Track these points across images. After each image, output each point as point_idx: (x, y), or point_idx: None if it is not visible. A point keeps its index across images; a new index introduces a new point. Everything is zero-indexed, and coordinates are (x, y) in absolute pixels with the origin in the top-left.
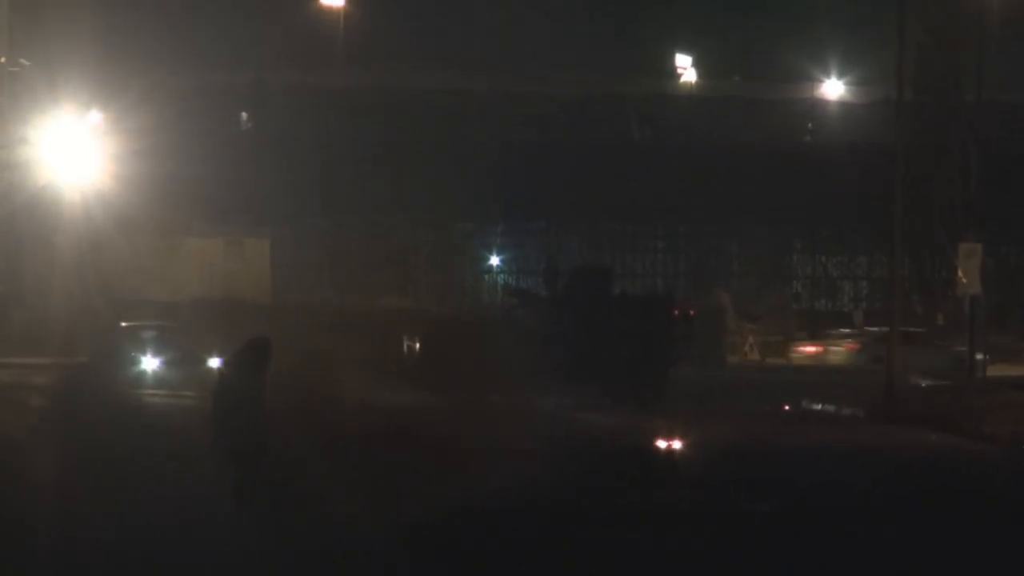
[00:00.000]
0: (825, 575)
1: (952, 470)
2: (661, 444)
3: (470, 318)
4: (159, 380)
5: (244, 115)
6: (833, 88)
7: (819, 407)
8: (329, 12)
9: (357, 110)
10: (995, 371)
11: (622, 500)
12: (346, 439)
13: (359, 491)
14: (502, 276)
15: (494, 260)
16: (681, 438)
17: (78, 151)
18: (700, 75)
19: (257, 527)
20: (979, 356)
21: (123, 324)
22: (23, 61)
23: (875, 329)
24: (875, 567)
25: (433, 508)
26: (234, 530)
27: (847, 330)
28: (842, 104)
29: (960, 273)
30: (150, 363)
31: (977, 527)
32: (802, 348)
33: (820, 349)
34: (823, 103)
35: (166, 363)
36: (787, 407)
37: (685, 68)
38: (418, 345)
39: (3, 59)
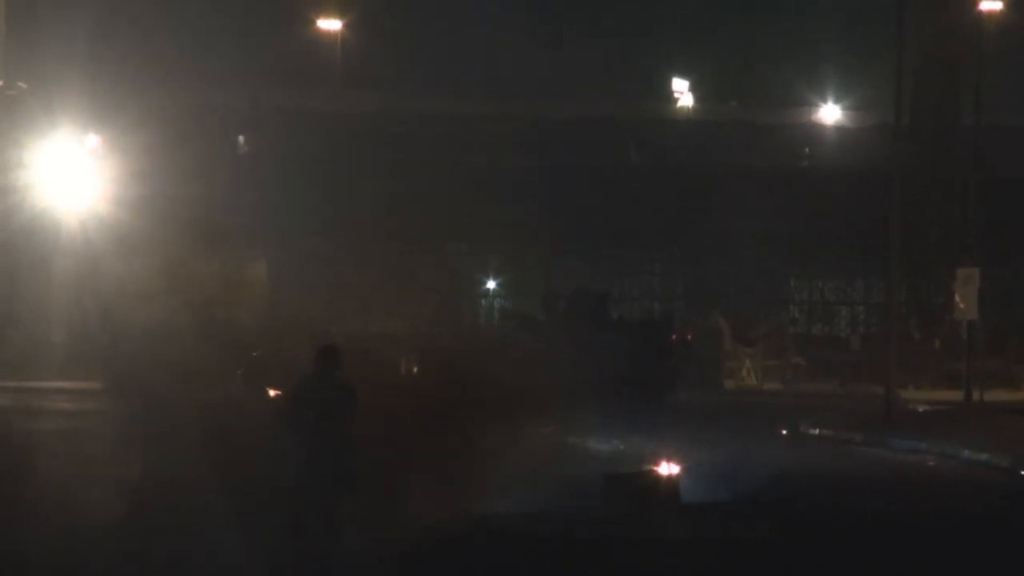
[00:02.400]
0: None
1: (950, 494)
2: (658, 470)
3: (468, 341)
4: None
5: (241, 138)
6: (830, 113)
7: (816, 431)
8: (326, 35)
9: (354, 133)
10: (993, 397)
11: (619, 526)
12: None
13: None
14: (498, 300)
15: (491, 284)
16: (677, 463)
17: (76, 174)
18: (697, 99)
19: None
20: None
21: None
22: (20, 84)
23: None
24: None
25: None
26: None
27: None
28: (839, 129)
29: (958, 298)
30: None
31: (976, 551)
32: None
33: None
34: (820, 128)
35: None
36: (784, 431)
37: (682, 92)
38: (416, 369)
39: (0, 82)
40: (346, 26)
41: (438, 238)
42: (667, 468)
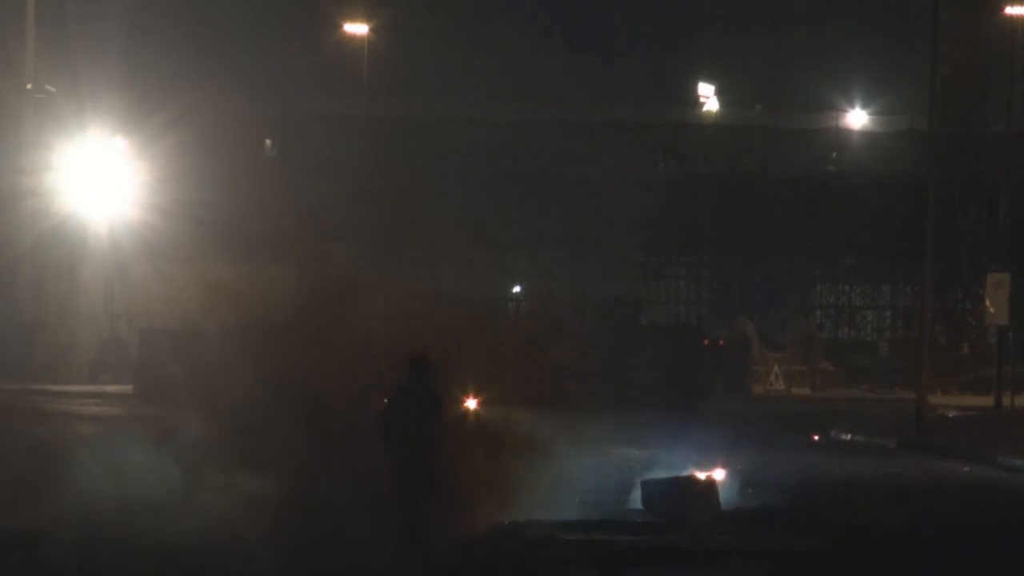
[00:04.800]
0: None
1: (985, 501)
2: (696, 475)
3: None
4: None
5: (268, 142)
6: (857, 118)
7: (848, 437)
8: (353, 40)
9: (381, 138)
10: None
11: (662, 539)
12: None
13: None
14: (525, 304)
15: (517, 288)
16: (715, 469)
17: (104, 178)
18: (723, 104)
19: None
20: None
21: None
22: (49, 88)
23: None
24: None
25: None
26: None
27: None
28: (866, 134)
29: (988, 303)
30: None
31: (1010, 559)
32: None
33: None
34: (847, 132)
35: None
36: (816, 437)
37: (708, 97)
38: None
39: (29, 86)
40: (372, 31)
41: (465, 244)
42: (705, 474)
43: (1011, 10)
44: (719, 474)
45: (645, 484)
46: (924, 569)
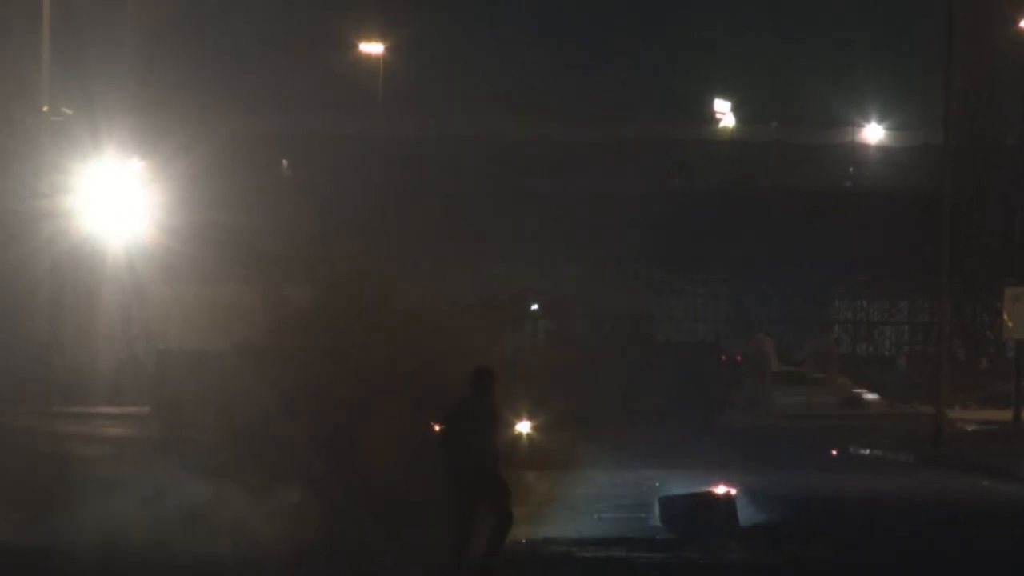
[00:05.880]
0: None
1: (1004, 514)
2: (714, 491)
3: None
4: None
5: (285, 162)
6: (873, 133)
7: (867, 452)
8: (368, 60)
9: (396, 156)
10: None
11: (677, 550)
12: None
13: None
14: (542, 322)
15: (534, 306)
16: (732, 485)
17: (121, 200)
18: (739, 120)
19: None
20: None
21: None
22: (65, 110)
23: None
24: None
25: None
26: None
27: None
28: (882, 148)
29: (1006, 317)
30: None
31: None
32: None
33: None
34: (863, 148)
35: None
36: (835, 452)
37: (724, 113)
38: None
39: (45, 108)
40: (387, 50)
41: (478, 261)
42: (723, 490)
43: None
44: (737, 490)
45: (663, 501)
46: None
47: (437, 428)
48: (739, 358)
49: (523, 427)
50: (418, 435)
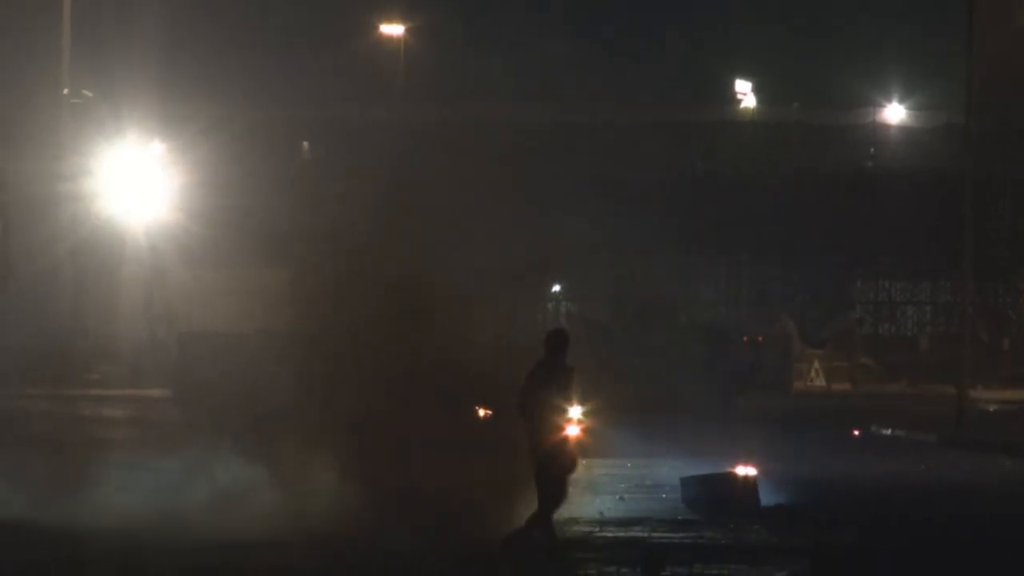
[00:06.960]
0: None
1: None
2: (735, 472)
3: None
4: None
5: (306, 144)
6: (894, 112)
7: (889, 432)
8: (389, 42)
9: (417, 142)
10: None
11: (702, 535)
12: None
13: None
14: (565, 304)
15: (556, 288)
16: (754, 466)
17: (142, 183)
18: (760, 100)
19: None
20: None
21: None
22: (86, 92)
23: None
24: None
25: None
26: None
27: None
28: (903, 129)
29: None
30: None
31: None
32: None
33: None
34: (884, 128)
35: None
36: (856, 433)
37: (745, 93)
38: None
39: (66, 90)
40: (408, 32)
41: (503, 243)
42: (744, 470)
43: None
44: (758, 471)
45: (685, 481)
46: (964, 564)
47: (482, 412)
48: (761, 339)
49: (573, 431)
50: (450, 420)
